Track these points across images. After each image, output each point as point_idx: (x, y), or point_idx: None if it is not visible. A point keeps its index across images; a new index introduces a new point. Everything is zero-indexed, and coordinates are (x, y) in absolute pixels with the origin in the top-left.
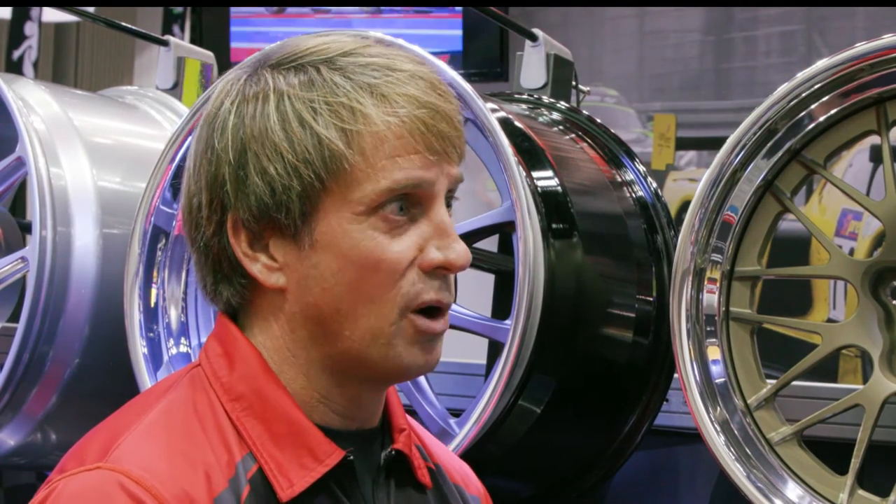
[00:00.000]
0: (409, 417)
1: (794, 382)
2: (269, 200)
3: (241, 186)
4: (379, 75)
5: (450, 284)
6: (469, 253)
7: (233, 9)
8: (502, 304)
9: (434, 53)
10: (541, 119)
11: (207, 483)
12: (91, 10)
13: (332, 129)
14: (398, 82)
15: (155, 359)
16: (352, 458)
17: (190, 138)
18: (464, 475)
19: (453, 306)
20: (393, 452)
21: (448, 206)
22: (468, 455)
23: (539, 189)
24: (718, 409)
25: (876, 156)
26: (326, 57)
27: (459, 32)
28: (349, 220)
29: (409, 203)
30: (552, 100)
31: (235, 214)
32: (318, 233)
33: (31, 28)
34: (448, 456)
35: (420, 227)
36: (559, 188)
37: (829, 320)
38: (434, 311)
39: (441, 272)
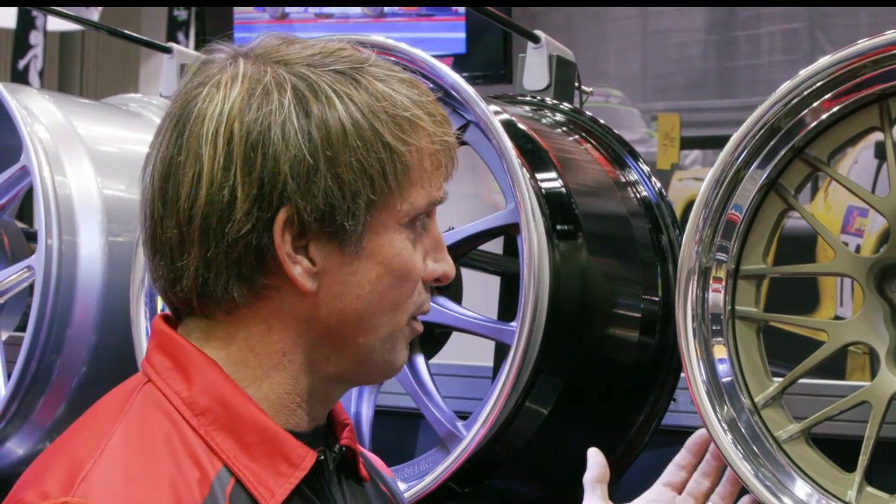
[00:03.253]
0: None
1: (801, 380)
2: (340, 204)
3: (311, 186)
4: (418, 92)
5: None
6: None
7: (236, 15)
8: (508, 307)
9: (437, 56)
10: (544, 121)
11: None
12: (96, 16)
13: (399, 141)
14: (432, 102)
15: None
16: (322, 457)
17: None
18: (375, 458)
19: (460, 309)
20: (343, 448)
21: None
22: (476, 458)
23: (543, 191)
24: (725, 407)
25: (881, 152)
26: (357, 65)
27: (463, 35)
28: (395, 229)
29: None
30: (555, 101)
31: (291, 212)
32: (367, 240)
33: (35, 37)
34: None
35: (423, 239)
36: (563, 189)
37: (837, 317)
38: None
39: (435, 283)
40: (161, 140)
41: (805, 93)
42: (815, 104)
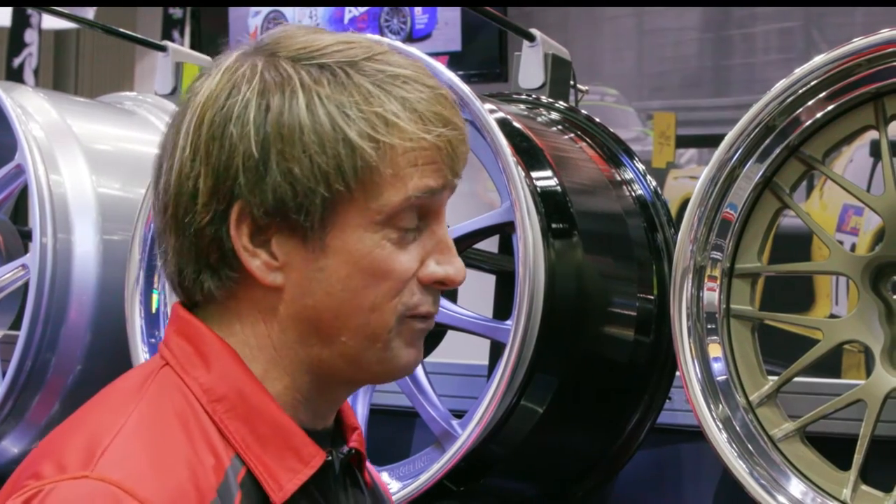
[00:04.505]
0: None
1: (796, 379)
2: (291, 201)
3: (260, 181)
4: (410, 89)
5: (439, 297)
6: (465, 270)
7: (231, 14)
8: (503, 305)
9: (433, 55)
10: (539, 119)
11: (197, 491)
12: (91, 14)
13: (366, 138)
14: (428, 99)
15: None
16: (331, 458)
17: None
18: (375, 474)
19: (455, 307)
20: (352, 451)
21: None
22: (472, 456)
23: (538, 189)
24: (721, 406)
25: (876, 151)
26: (351, 59)
27: (458, 33)
28: (366, 228)
29: (418, 215)
30: (550, 100)
31: (245, 207)
32: (331, 237)
33: (31, 35)
34: None
35: (423, 240)
36: (558, 188)
37: (832, 316)
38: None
39: (437, 286)
40: (165, 131)
41: (800, 91)
42: (811, 103)
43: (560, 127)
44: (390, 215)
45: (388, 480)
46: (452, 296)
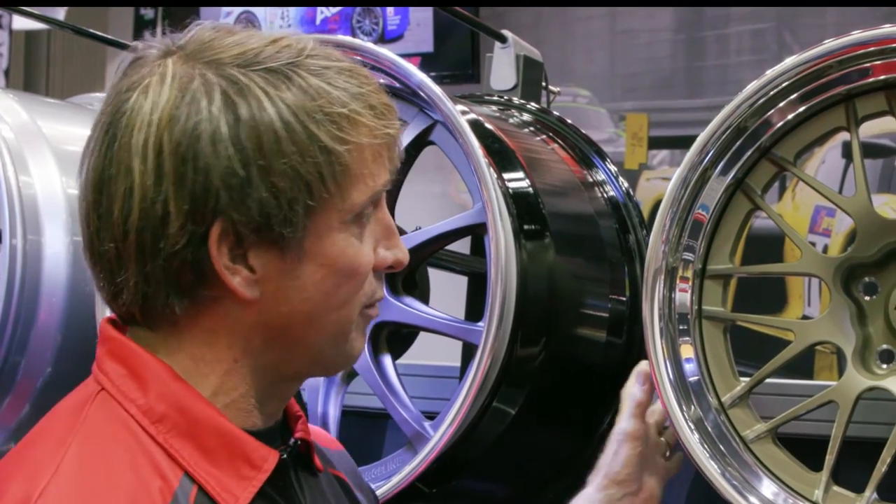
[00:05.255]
0: None
1: (768, 380)
2: (276, 213)
3: (244, 197)
4: (358, 83)
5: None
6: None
7: (203, 15)
8: (476, 307)
9: (405, 56)
10: (511, 120)
11: None
12: (62, 14)
13: (337, 141)
14: (375, 91)
15: None
16: (284, 456)
17: None
18: (319, 433)
19: (427, 309)
20: (299, 442)
21: None
22: (444, 458)
23: (510, 190)
24: (692, 407)
25: (848, 152)
26: (293, 60)
27: (430, 35)
28: (338, 228)
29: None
30: (522, 101)
31: (227, 225)
32: (308, 243)
33: (1, 36)
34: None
35: (372, 228)
36: (530, 189)
37: (804, 317)
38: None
39: (386, 270)
40: (93, 146)
41: (771, 93)
42: (782, 104)
43: (532, 128)
44: (358, 213)
45: None
46: (424, 297)
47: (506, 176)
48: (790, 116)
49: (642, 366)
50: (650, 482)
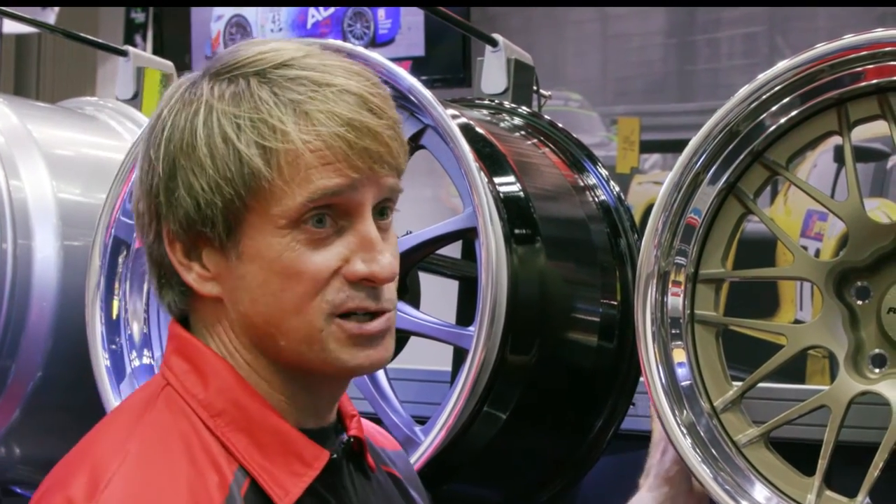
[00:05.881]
0: None
1: (761, 384)
2: (196, 215)
3: (172, 199)
4: (304, 90)
5: (380, 293)
6: (395, 266)
7: (194, 18)
8: (466, 311)
9: (396, 60)
10: (502, 124)
11: None
12: (52, 18)
13: (253, 146)
14: (324, 99)
15: (117, 371)
16: (336, 456)
17: None
18: (379, 433)
19: (418, 313)
20: (351, 439)
21: (384, 216)
22: (434, 462)
23: (501, 195)
24: (685, 412)
25: (840, 156)
26: (260, 69)
27: (421, 38)
28: (272, 233)
29: (336, 215)
30: (513, 105)
31: (168, 225)
32: (243, 245)
33: None
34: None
35: (347, 238)
36: (521, 193)
37: (796, 321)
38: (368, 313)
39: (366, 283)
40: None
41: (763, 97)
42: (774, 108)
43: (523, 132)
44: (294, 219)
45: None
46: (415, 302)
47: (497, 180)
48: (782, 120)
49: None
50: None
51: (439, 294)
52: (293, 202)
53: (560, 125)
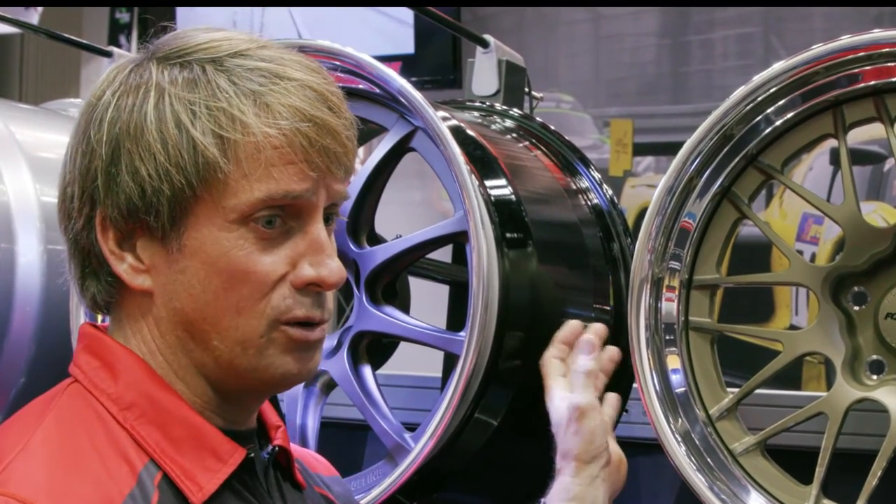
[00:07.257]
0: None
1: (757, 391)
2: (139, 201)
3: (112, 184)
4: (265, 82)
5: (324, 301)
6: (343, 271)
7: (179, 19)
8: (457, 316)
9: (386, 59)
10: (493, 127)
11: (105, 499)
12: (36, 18)
13: (209, 135)
14: (285, 92)
15: None
16: (252, 455)
17: None
18: (313, 457)
19: (408, 318)
20: (276, 449)
21: (328, 222)
22: (425, 469)
23: (492, 198)
24: (679, 419)
25: (836, 159)
26: (215, 56)
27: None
28: (220, 227)
29: (286, 216)
30: (505, 107)
31: (104, 211)
32: (186, 237)
33: None
34: (297, 448)
35: (295, 241)
36: (513, 197)
37: (792, 327)
38: (309, 322)
39: (313, 289)
40: None
41: (759, 99)
42: (769, 110)
43: (515, 135)
44: (245, 215)
45: None
46: (405, 307)
47: (488, 183)
48: (777, 123)
49: (587, 336)
50: (612, 444)
51: (430, 299)
52: (249, 197)
53: (552, 127)
